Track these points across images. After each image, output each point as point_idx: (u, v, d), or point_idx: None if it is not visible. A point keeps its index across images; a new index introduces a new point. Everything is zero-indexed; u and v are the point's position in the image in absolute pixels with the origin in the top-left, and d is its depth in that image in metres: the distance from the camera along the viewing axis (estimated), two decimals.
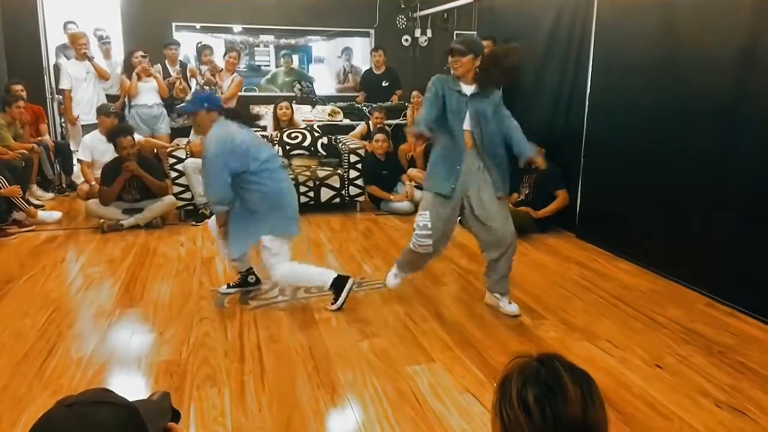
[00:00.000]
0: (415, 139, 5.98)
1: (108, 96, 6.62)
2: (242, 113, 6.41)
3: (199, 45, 7.09)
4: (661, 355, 2.95)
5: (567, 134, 5.02)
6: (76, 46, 6.45)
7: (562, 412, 1.00)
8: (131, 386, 2.61)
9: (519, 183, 5.30)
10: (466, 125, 3.29)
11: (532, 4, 5.56)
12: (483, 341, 3.08)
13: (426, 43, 8.30)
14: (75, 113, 6.39)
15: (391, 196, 5.82)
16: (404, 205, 5.75)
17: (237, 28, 8.20)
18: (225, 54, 6.82)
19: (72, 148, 6.47)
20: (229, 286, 3.69)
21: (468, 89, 3.29)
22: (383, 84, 7.36)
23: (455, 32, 7.25)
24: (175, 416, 1.13)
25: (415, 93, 6.55)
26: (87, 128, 6.05)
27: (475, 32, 6.67)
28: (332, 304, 3.45)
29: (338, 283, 3.45)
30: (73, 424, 0.89)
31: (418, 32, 8.30)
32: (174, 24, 7.78)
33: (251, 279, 3.71)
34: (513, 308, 3.41)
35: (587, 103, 4.73)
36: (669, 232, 3.97)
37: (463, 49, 3.25)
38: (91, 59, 6.43)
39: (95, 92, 6.46)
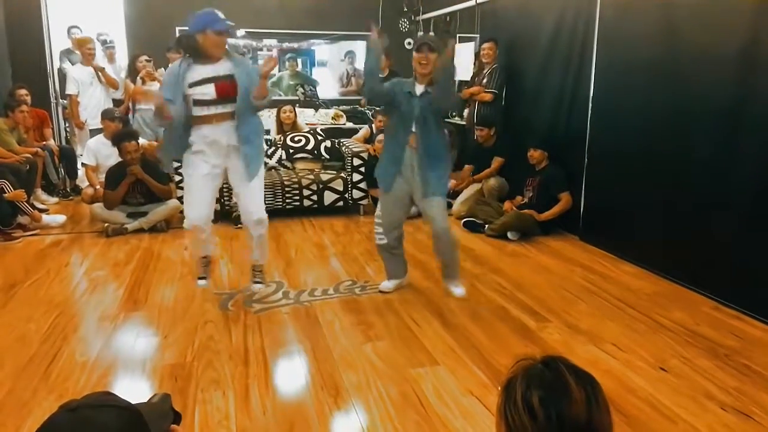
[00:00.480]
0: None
1: (114, 100, 6.65)
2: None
3: None
4: (665, 357, 2.95)
5: (570, 136, 5.02)
6: (82, 51, 6.49)
7: (567, 413, 1.00)
8: (136, 390, 2.61)
9: (522, 186, 5.30)
10: (413, 127, 3.39)
11: (534, 6, 5.57)
12: (486, 344, 3.07)
13: None
14: (82, 118, 6.42)
15: None
16: None
17: (240, 32, 8.22)
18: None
19: (78, 152, 6.49)
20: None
21: (419, 89, 3.38)
22: None
23: (458, 35, 7.26)
24: (177, 418, 1.14)
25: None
26: (95, 132, 6.07)
27: (478, 35, 6.68)
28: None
29: None
30: (76, 428, 0.90)
31: (420, 35, 8.31)
32: (177, 28, 7.81)
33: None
34: (459, 291, 3.65)
35: (590, 104, 4.73)
36: (672, 233, 3.97)
37: (434, 45, 3.32)
38: (101, 70, 6.46)
39: (102, 96, 6.49)
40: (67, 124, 7.51)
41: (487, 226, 5.12)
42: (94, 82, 6.46)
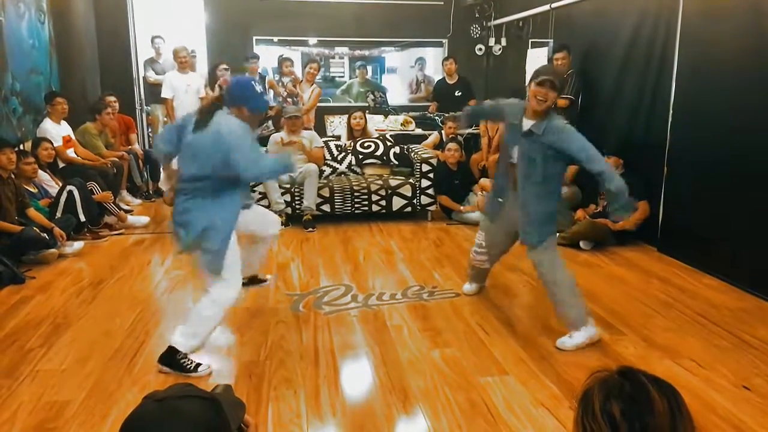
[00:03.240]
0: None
1: None
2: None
3: (281, 57, 7.32)
4: (748, 376, 2.80)
5: (648, 143, 4.84)
6: (177, 59, 6.86)
7: (651, 425, 0.96)
8: (213, 386, 2.71)
9: (596, 194, 5.16)
10: (514, 159, 3.18)
11: (611, 10, 5.42)
12: (557, 355, 3.01)
13: (500, 51, 8.23)
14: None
15: (462, 207, 5.79)
16: (475, 215, 5.69)
17: (313, 40, 8.42)
18: (305, 65, 7.02)
19: None
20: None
21: (527, 124, 3.07)
22: (456, 93, 7.35)
23: (530, 41, 7.15)
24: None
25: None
26: None
27: (551, 40, 6.56)
28: None
29: None
30: (165, 417, 0.95)
31: (492, 41, 8.25)
32: (254, 38, 8.09)
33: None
34: (562, 342, 3.12)
35: (671, 110, 4.55)
36: (760, 246, 3.76)
37: (556, 83, 2.98)
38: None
39: (194, 103, 6.83)
40: (150, 130, 7.91)
41: (558, 234, 5.01)
42: (189, 89, 6.81)
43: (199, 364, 2.83)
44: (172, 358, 2.81)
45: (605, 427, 0.98)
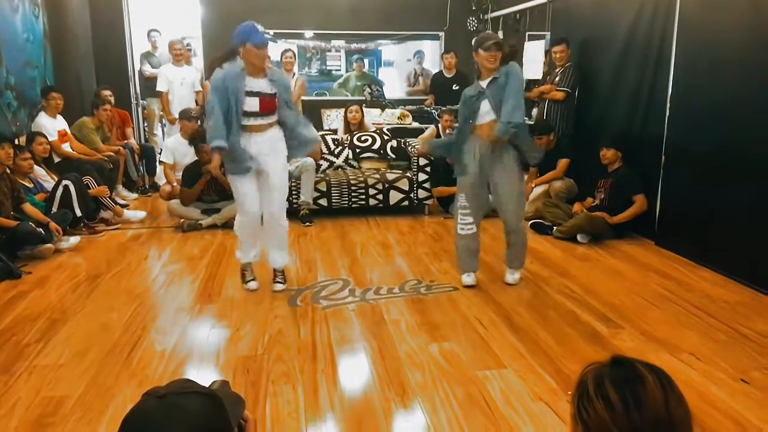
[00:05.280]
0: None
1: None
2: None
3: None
4: (747, 369, 2.80)
5: (645, 136, 4.84)
6: (173, 52, 6.82)
7: (644, 400, 0.98)
8: (211, 380, 2.70)
9: (593, 187, 5.16)
10: (483, 119, 3.65)
11: (609, 3, 5.41)
12: (556, 349, 3.01)
13: None
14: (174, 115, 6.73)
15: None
16: None
17: (309, 33, 8.38)
18: (281, 55, 6.93)
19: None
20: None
21: (486, 82, 3.62)
22: (453, 87, 7.33)
23: (527, 33, 7.13)
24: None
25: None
26: None
27: (548, 33, 6.54)
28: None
29: None
30: (167, 414, 0.94)
31: (483, 33, 8.20)
32: None
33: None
34: (510, 278, 3.88)
35: (668, 103, 4.54)
36: (757, 239, 3.76)
37: (500, 43, 3.63)
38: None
39: (188, 95, 6.80)
40: (146, 124, 7.87)
41: (555, 228, 5.01)
42: (184, 82, 6.78)
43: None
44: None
45: (599, 404, 0.99)
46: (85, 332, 3.20)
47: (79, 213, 4.96)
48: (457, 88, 7.34)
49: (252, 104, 3.45)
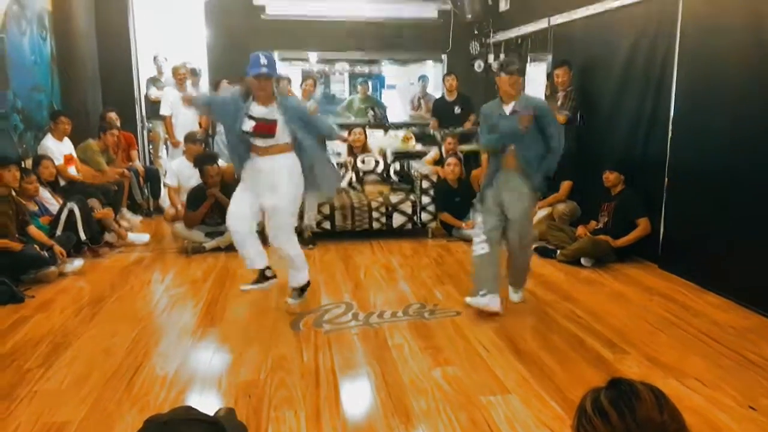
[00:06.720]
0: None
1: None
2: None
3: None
4: (754, 396, 2.77)
5: (648, 159, 4.85)
6: (176, 77, 6.89)
7: (639, 411, 1.03)
8: (213, 405, 2.68)
9: (596, 210, 5.15)
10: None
11: (610, 27, 5.45)
12: (560, 375, 2.98)
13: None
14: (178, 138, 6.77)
15: (463, 224, 5.76)
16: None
17: (313, 57, 8.47)
18: (302, 82, 7.05)
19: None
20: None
21: (508, 108, 3.68)
22: (455, 111, 7.37)
23: (529, 55, 7.18)
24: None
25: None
26: None
27: (550, 56, 6.59)
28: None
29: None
30: None
31: (491, 57, 8.29)
32: None
33: (268, 273, 3.90)
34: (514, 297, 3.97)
35: (671, 125, 4.55)
36: (763, 263, 3.74)
37: (521, 68, 3.72)
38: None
39: (193, 118, 6.84)
40: (151, 147, 7.93)
41: (559, 251, 5.00)
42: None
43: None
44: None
45: (597, 420, 1.05)
46: (88, 357, 3.19)
47: (83, 236, 4.97)
48: (459, 111, 7.39)
49: (248, 125, 3.63)
